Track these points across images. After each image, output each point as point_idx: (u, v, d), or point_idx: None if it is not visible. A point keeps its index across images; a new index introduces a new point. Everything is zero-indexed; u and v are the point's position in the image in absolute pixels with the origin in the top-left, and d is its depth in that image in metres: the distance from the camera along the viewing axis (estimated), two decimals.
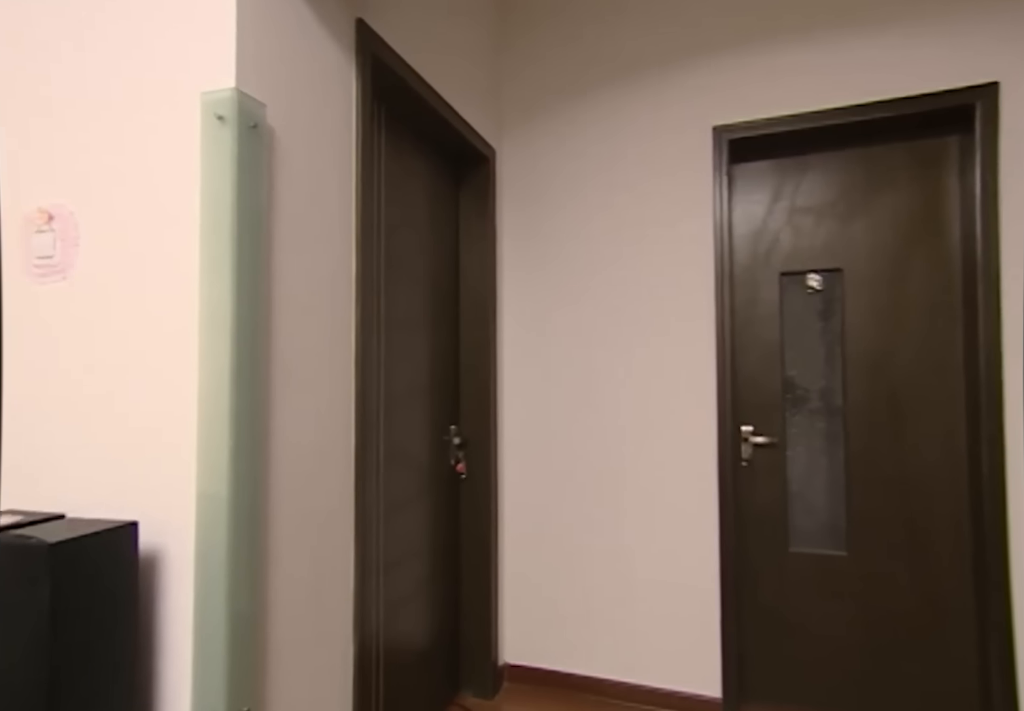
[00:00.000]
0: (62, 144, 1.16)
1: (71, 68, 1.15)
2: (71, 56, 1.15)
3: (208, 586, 1.00)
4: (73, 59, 1.15)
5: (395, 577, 1.70)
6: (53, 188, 1.16)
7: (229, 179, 0.99)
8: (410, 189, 1.82)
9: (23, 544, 0.87)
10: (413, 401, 1.83)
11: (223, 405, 1.01)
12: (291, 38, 1.17)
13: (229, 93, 0.99)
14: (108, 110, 1.12)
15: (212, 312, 1.01)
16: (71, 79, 1.15)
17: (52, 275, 1.15)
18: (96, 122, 1.13)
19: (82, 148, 1.14)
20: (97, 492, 1.10)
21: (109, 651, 0.96)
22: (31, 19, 1.20)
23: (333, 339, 1.31)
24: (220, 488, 1.00)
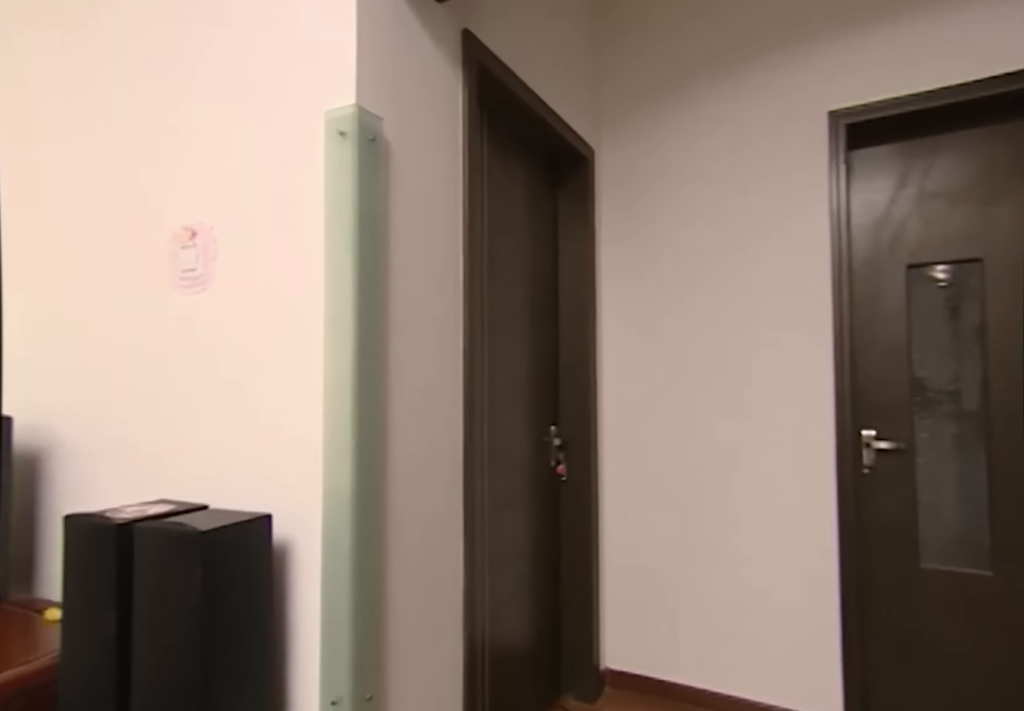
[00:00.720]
0: (201, 165, 1.27)
1: (208, 95, 1.26)
2: (207, 84, 1.26)
3: (334, 576, 1.06)
4: (209, 87, 1.26)
5: (498, 576, 1.72)
6: (195, 207, 1.27)
7: (350, 191, 1.05)
8: (510, 192, 1.85)
9: (179, 530, 0.96)
10: (514, 402, 1.85)
11: (346, 406, 1.06)
12: (403, 52, 1.22)
13: (350, 110, 1.04)
14: (240, 132, 1.21)
15: (336, 317, 1.07)
16: (208, 106, 1.26)
17: (195, 286, 1.26)
18: (230, 143, 1.23)
19: (219, 168, 1.24)
20: (235, 486, 1.19)
21: (249, 632, 1.03)
22: (168, 48, 1.33)
23: (442, 341, 1.35)
24: (344, 484, 1.06)
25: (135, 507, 1.14)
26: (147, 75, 1.37)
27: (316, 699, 1.07)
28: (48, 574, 1.51)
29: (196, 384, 1.26)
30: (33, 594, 1.50)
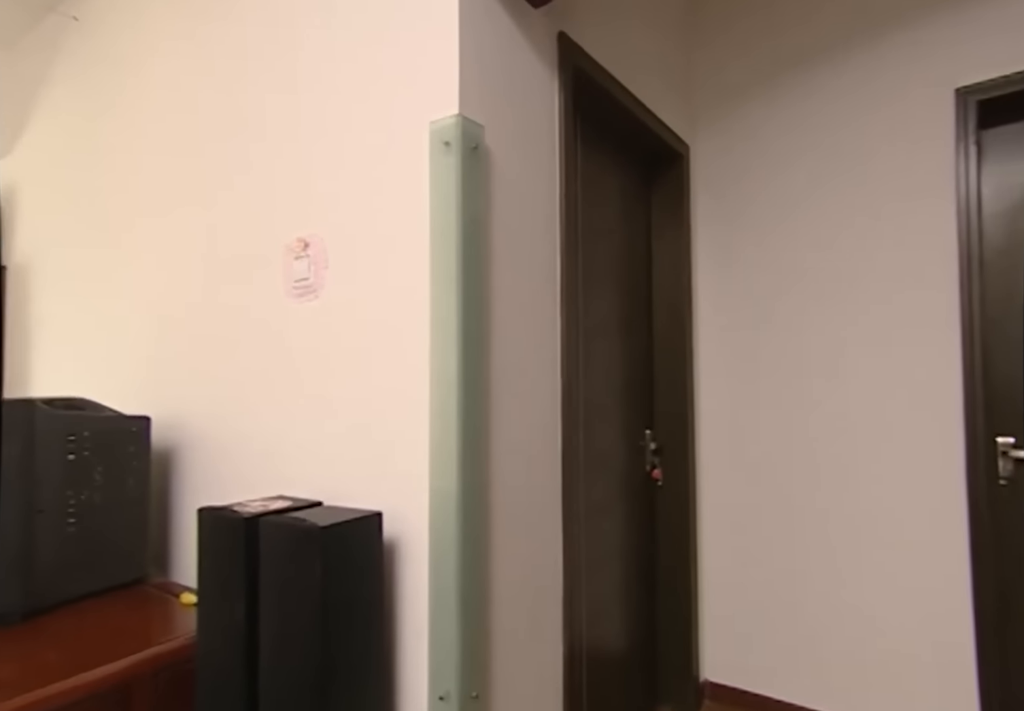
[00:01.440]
0: (314, 179, 1.34)
1: (321, 111, 1.33)
2: (321, 101, 1.33)
3: (441, 574, 1.09)
4: (322, 104, 1.33)
5: (594, 582, 1.70)
6: (308, 219, 1.35)
7: (454, 200, 1.07)
8: (604, 193, 1.83)
9: (301, 525, 1.02)
10: (608, 405, 1.83)
11: (451, 408, 1.08)
12: (502, 59, 1.23)
13: (453, 120, 1.07)
14: (349, 146, 1.27)
15: (441, 321, 1.10)
16: (320, 122, 1.34)
17: (308, 294, 1.34)
18: (340, 157, 1.29)
19: (330, 181, 1.31)
20: (345, 484, 1.25)
21: (363, 624, 1.08)
22: (283, 68, 1.42)
23: (541, 344, 1.35)
24: (450, 484, 1.08)
25: (258, 502, 1.22)
26: (268, 92, 1.47)
27: (425, 693, 1.11)
28: (180, 559, 1.65)
29: (310, 387, 1.34)
30: (168, 577, 1.65)
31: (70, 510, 1.40)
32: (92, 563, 1.45)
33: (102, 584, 1.47)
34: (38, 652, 1.16)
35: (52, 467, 1.37)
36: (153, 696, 1.16)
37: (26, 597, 1.31)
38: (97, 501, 1.46)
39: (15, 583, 1.29)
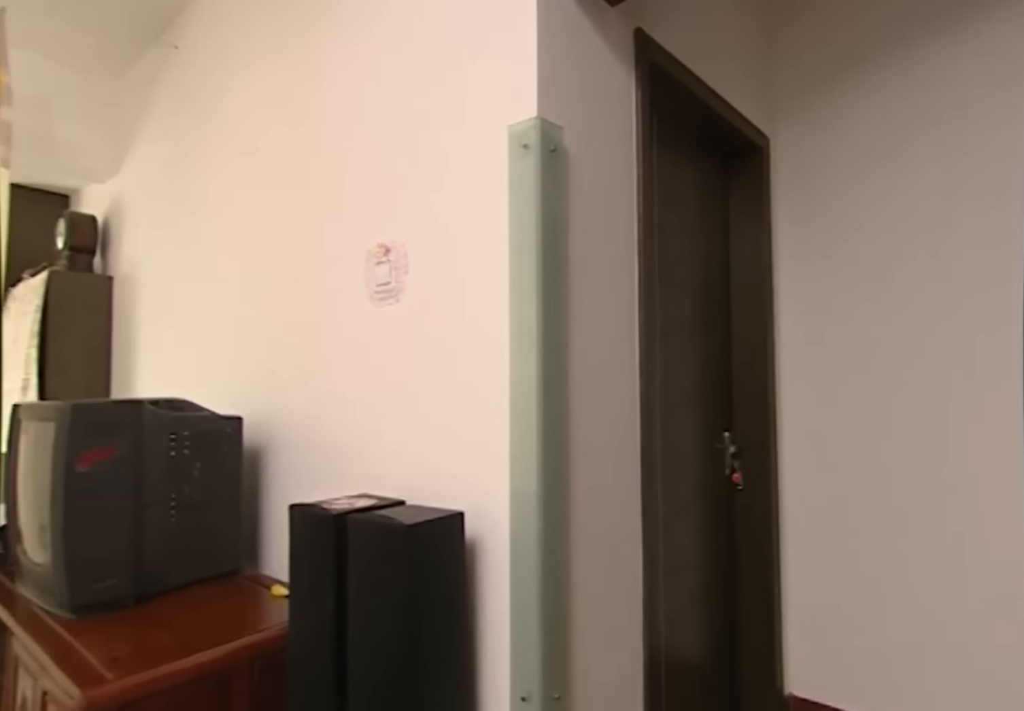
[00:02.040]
0: (395, 185, 1.38)
1: (402, 119, 1.37)
2: (402, 110, 1.37)
3: (522, 575, 1.09)
4: (403, 112, 1.37)
5: (673, 587, 1.66)
6: (389, 225, 1.39)
7: (533, 202, 1.08)
8: (680, 189, 1.79)
9: (388, 523, 1.05)
10: (686, 407, 1.78)
11: (531, 410, 1.09)
12: (578, 58, 1.23)
13: (532, 122, 1.07)
14: (429, 152, 1.30)
15: (521, 324, 1.10)
16: (401, 129, 1.37)
17: (389, 299, 1.38)
18: (420, 163, 1.32)
19: (410, 187, 1.34)
20: (427, 483, 1.28)
21: (446, 621, 1.10)
22: (364, 77, 1.47)
23: (619, 345, 1.34)
24: (530, 486, 1.08)
25: (344, 500, 1.27)
26: (351, 103, 1.53)
27: (506, 692, 1.11)
28: (269, 553, 1.73)
29: (391, 389, 1.38)
30: (259, 570, 1.74)
31: (172, 504, 1.50)
32: (191, 554, 1.54)
33: (200, 574, 1.56)
34: (149, 634, 1.24)
35: (157, 463, 1.47)
36: (249, 682, 1.22)
37: (137, 583, 1.41)
38: (195, 496, 1.55)
39: (128, 570, 1.39)
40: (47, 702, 1.14)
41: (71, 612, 1.33)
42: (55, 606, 1.37)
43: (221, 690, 1.17)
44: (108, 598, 1.36)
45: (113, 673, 1.06)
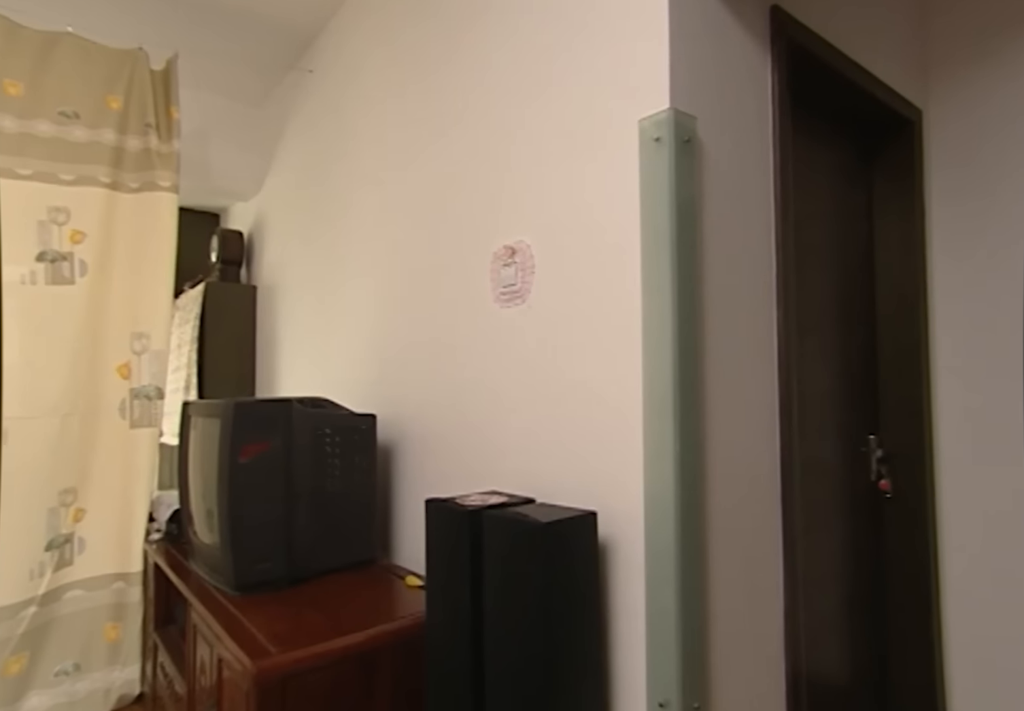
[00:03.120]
0: (520, 188, 1.40)
1: (526, 121, 1.39)
2: (527, 114, 1.39)
3: (658, 580, 1.06)
4: (528, 115, 1.38)
5: (815, 603, 1.55)
6: (514, 227, 1.41)
7: (666, 197, 1.05)
8: (819, 174, 1.66)
9: (524, 521, 1.06)
10: (827, 408, 1.66)
11: (666, 411, 1.06)
12: (713, 44, 1.18)
13: (665, 114, 1.04)
14: (554, 151, 1.31)
15: (654, 323, 1.07)
16: (525, 131, 1.39)
17: (515, 300, 1.40)
18: (545, 164, 1.33)
19: (536, 188, 1.35)
20: (557, 482, 1.28)
21: (580, 620, 1.09)
22: (491, 78, 1.50)
23: (755, 343, 1.27)
24: (666, 488, 1.05)
25: (476, 496, 1.30)
26: (482, 112, 1.57)
27: (643, 698, 1.09)
28: (401, 544, 1.82)
29: (517, 388, 1.39)
30: (392, 560, 1.83)
31: (316, 495, 1.62)
32: (333, 543, 1.65)
33: (341, 562, 1.67)
34: (303, 614, 1.35)
35: (303, 457, 1.59)
36: (392, 666, 1.29)
37: (289, 567, 1.54)
38: (335, 488, 1.66)
39: (282, 554, 1.52)
40: (222, 667, 1.27)
41: (235, 590, 1.47)
42: (222, 583, 1.52)
43: (367, 671, 1.25)
44: (266, 579, 1.50)
45: (276, 647, 1.16)
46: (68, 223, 2.06)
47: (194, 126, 2.34)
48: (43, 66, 2.02)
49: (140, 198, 2.20)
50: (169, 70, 2.28)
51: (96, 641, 2.08)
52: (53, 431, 2.02)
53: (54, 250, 2.03)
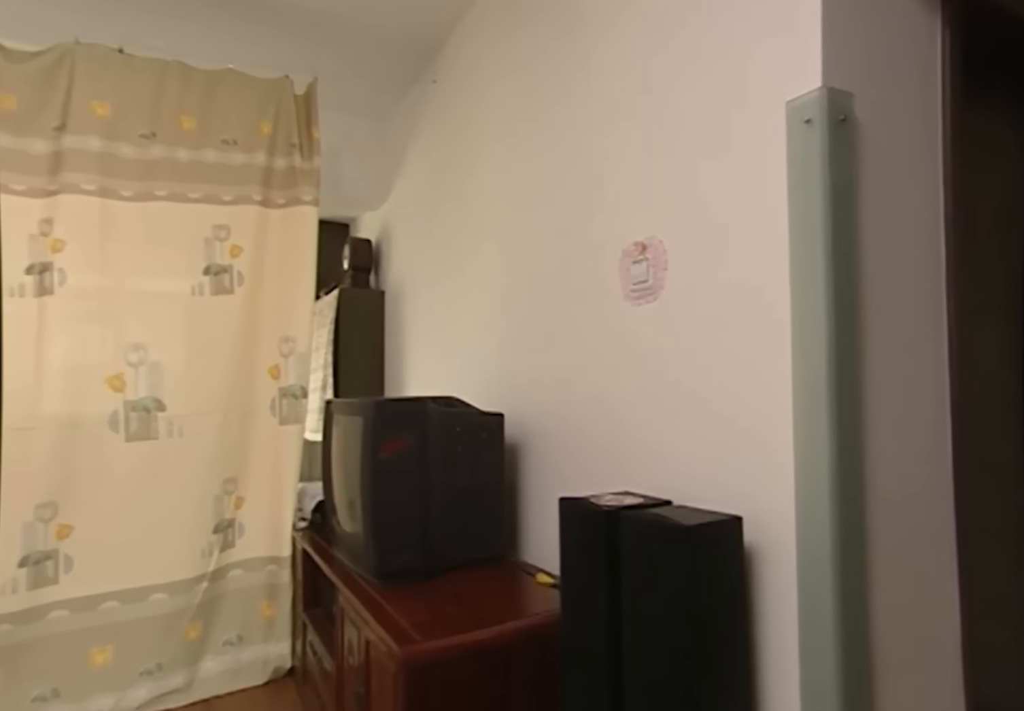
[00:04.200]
0: (652, 182, 1.37)
1: (659, 112, 1.35)
2: (659, 103, 1.35)
3: (813, 592, 0.99)
4: (659, 105, 1.35)
5: (996, 619, 1.37)
6: (645, 223, 1.37)
7: (818, 182, 0.97)
8: (995, 154, 1.47)
9: (664, 522, 1.03)
10: (1003, 403, 1.46)
11: (820, 410, 0.98)
12: (870, 8, 1.08)
13: (817, 94, 0.97)
14: (687, 142, 1.26)
15: (805, 316, 1.00)
16: (657, 123, 1.36)
17: (647, 297, 1.37)
18: (677, 155, 1.29)
19: (668, 182, 1.32)
20: (692, 484, 1.23)
21: (723, 630, 1.04)
22: (618, 64, 1.47)
23: (923, 335, 1.15)
24: (821, 494, 0.98)
25: (610, 496, 1.28)
26: (610, 109, 1.56)
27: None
28: (528, 541, 1.84)
29: (649, 387, 1.36)
30: (520, 557, 1.86)
31: (449, 491, 1.67)
32: (465, 538, 1.70)
33: (472, 556, 1.72)
34: (441, 605, 1.40)
35: (437, 454, 1.65)
36: (526, 662, 1.30)
37: (425, 560, 1.61)
38: (466, 485, 1.71)
39: (419, 547, 1.59)
40: (369, 650, 1.35)
41: (377, 578, 1.56)
42: (365, 571, 1.62)
43: (503, 665, 1.27)
44: (404, 570, 1.57)
45: (420, 635, 1.22)
46: (228, 239, 2.29)
47: (327, 142, 2.51)
48: (210, 101, 2.27)
49: (286, 213, 2.40)
50: (310, 93, 2.47)
51: (254, 617, 2.30)
52: (217, 427, 2.25)
53: (217, 263, 2.27)
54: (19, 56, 2.02)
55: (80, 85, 2.08)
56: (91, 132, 2.09)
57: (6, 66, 2.00)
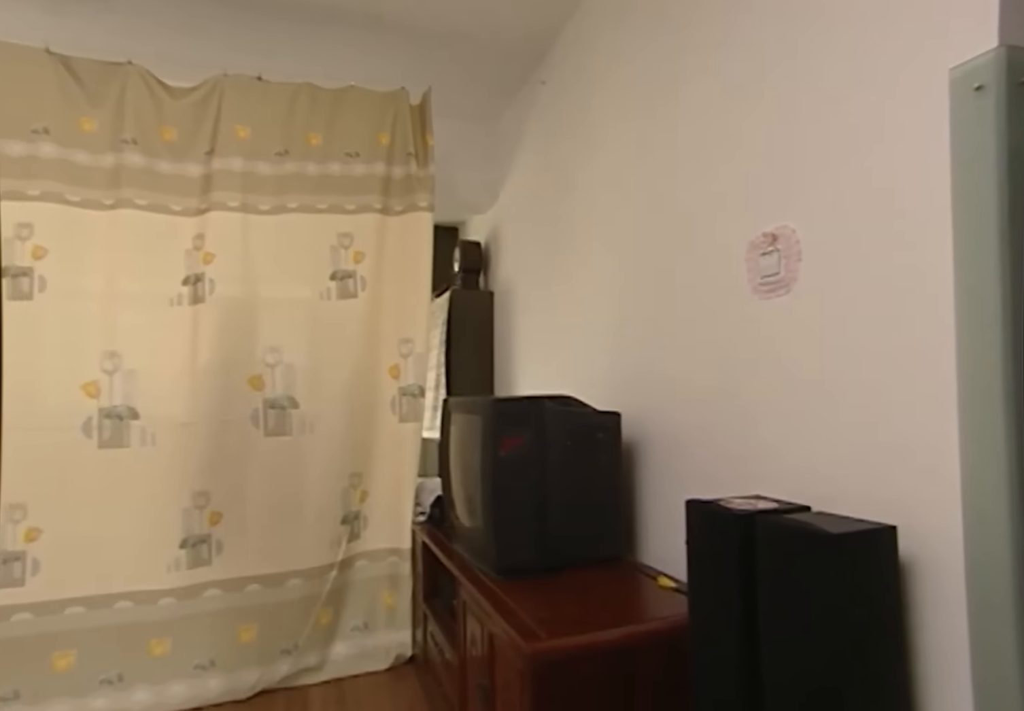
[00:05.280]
0: (783, 168, 1.29)
1: (793, 96, 1.27)
2: (791, 86, 1.27)
3: (988, 613, 0.89)
4: (792, 87, 1.27)
5: None
6: (776, 213, 1.30)
7: (992, 158, 0.86)
8: None
9: (809, 529, 0.96)
10: None
11: (995, 410, 0.87)
12: None
13: (991, 55, 0.86)
14: (830, 126, 1.18)
15: (973, 315, 0.90)
16: (794, 106, 1.28)
17: (778, 290, 1.29)
18: (816, 139, 1.20)
19: (804, 167, 1.23)
20: (837, 490, 1.14)
21: (881, 656, 0.96)
22: (756, 44, 1.40)
23: None
24: (998, 506, 0.87)
25: (741, 500, 1.22)
26: (724, 77, 1.49)
27: None
28: (646, 543, 1.80)
29: (779, 385, 1.28)
30: (637, 558, 1.82)
31: (565, 489, 1.67)
32: (582, 536, 1.69)
33: (588, 556, 1.70)
34: (561, 603, 1.40)
35: (554, 452, 1.65)
36: (651, 668, 1.27)
37: (543, 556, 1.61)
38: (583, 484, 1.70)
39: (538, 544, 1.60)
40: (493, 643, 1.38)
41: (497, 572, 1.59)
42: (484, 565, 1.66)
43: (630, 668, 1.25)
44: (523, 565, 1.59)
45: (544, 632, 1.22)
46: (352, 246, 2.43)
47: (439, 149, 2.60)
48: (334, 117, 2.42)
49: (403, 219, 2.52)
50: (424, 103, 2.57)
51: (377, 605, 2.43)
52: (343, 423, 2.40)
53: (342, 269, 2.42)
54: (179, 92, 2.27)
55: (226, 112, 2.30)
56: (235, 154, 2.30)
57: (170, 103, 2.25)
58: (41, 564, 2.02)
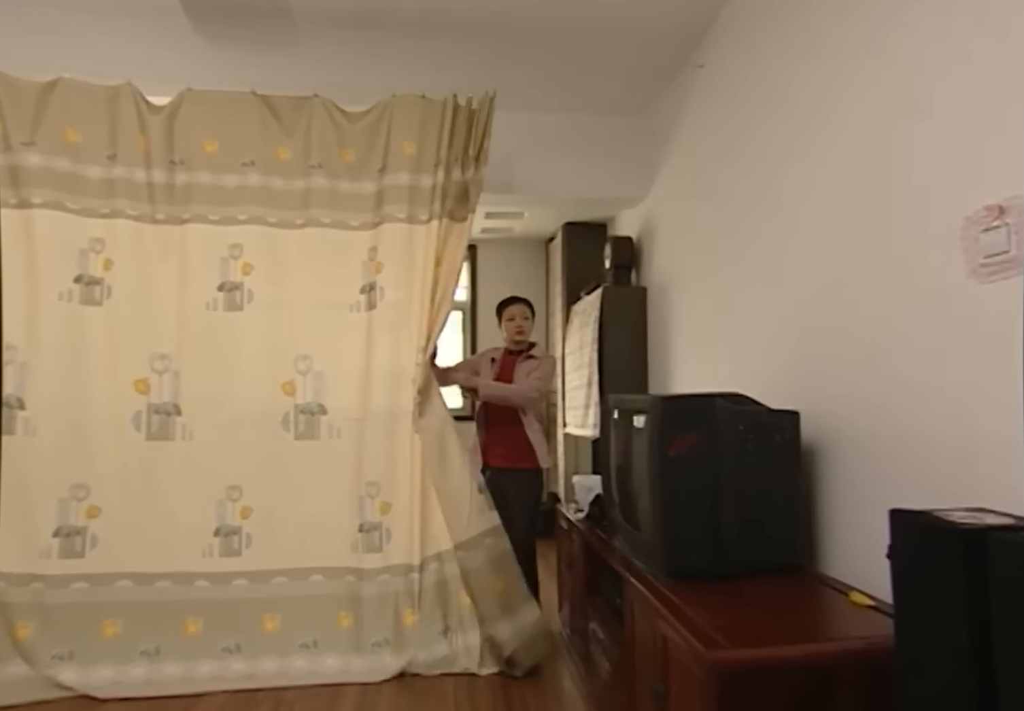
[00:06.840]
0: (1007, 133, 1.11)
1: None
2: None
3: None
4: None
5: None
6: (1002, 181, 1.12)
7: None
8: None
9: None
10: None
11: None
12: None
13: None
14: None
15: None
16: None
17: (1006, 271, 1.11)
18: None
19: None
20: None
21: None
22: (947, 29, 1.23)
23: None
24: None
25: (962, 512, 1.07)
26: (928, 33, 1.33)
27: None
28: (831, 553, 1.65)
29: (1003, 381, 1.10)
30: (819, 569, 1.67)
31: (739, 492, 1.58)
32: (756, 541, 1.58)
33: (763, 563, 1.59)
34: (739, 611, 1.33)
35: (727, 453, 1.57)
36: (849, 691, 1.15)
37: (715, 561, 1.54)
38: (759, 487, 1.59)
39: (710, 548, 1.53)
40: (667, 646, 1.34)
41: (666, 574, 1.54)
42: (651, 566, 1.62)
43: (824, 690, 1.14)
44: (694, 569, 1.53)
45: (725, 640, 1.16)
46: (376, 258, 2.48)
47: (574, 145, 2.54)
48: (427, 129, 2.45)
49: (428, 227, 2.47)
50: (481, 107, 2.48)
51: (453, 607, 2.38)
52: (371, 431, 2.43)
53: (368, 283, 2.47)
54: (355, 117, 2.48)
55: (396, 130, 2.46)
56: (403, 169, 2.46)
57: (348, 127, 2.47)
58: (99, 540, 2.22)
